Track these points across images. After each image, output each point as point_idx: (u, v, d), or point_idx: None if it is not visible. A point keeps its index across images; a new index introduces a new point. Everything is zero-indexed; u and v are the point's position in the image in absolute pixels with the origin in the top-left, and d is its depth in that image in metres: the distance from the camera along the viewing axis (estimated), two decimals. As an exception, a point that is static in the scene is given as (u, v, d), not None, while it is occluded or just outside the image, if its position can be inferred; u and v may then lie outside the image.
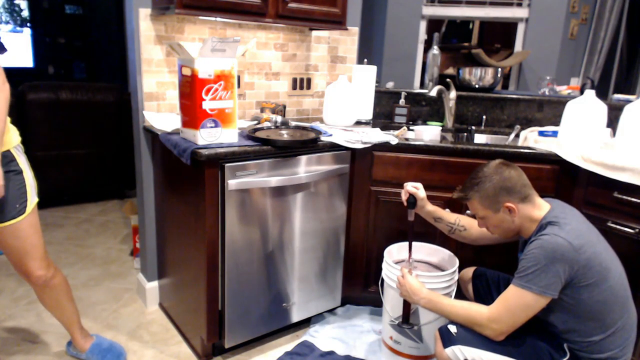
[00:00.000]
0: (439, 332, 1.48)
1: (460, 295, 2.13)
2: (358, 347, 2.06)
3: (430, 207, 1.79)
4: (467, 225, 1.77)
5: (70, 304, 1.82)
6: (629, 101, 2.16)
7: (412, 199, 1.75)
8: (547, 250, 1.30)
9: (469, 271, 1.85)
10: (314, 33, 2.56)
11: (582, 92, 2.18)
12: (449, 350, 1.43)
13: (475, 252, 2.09)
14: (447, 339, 1.44)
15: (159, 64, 2.08)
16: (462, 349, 1.41)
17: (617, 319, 1.34)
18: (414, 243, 2.01)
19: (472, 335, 1.42)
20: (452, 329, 1.46)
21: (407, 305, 1.76)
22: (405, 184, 1.78)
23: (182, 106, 1.76)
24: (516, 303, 1.34)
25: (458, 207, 2.00)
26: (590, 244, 1.32)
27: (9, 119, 1.49)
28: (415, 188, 1.76)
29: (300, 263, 2.04)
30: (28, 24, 6.32)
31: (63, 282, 1.76)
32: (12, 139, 1.53)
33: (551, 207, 1.45)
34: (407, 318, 1.78)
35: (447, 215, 1.80)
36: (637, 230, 1.69)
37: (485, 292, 1.78)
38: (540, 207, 1.45)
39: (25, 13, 6.22)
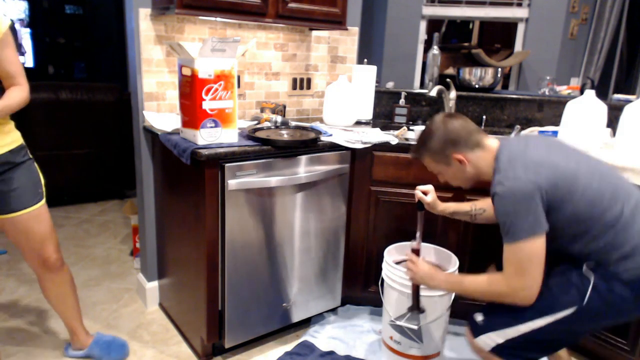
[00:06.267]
0: (469, 323, 1.48)
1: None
2: (358, 347, 2.06)
3: (442, 206, 1.78)
4: (485, 206, 1.74)
5: (75, 296, 1.87)
6: (629, 101, 2.16)
7: (421, 202, 1.76)
8: (507, 198, 1.28)
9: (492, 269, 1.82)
10: (314, 33, 2.56)
11: (582, 92, 2.17)
12: (478, 340, 1.42)
13: (475, 252, 2.09)
14: (475, 329, 1.44)
15: (159, 64, 2.09)
16: (490, 336, 1.39)
17: (617, 210, 1.28)
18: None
19: (497, 318, 1.40)
20: (478, 317, 1.45)
21: (416, 290, 1.73)
22: (417, 187, 1.78)
23: (182, 106, 1.76)
24: (519, 259, 1.30)
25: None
26: (546, 165, 1.29)
27: (12, 122, 1.61)
28: (424, 192, 1.76)
29: (300, 263, 2.04)
30: (28, 24, 6.33)
31: (69, 272, 1.83)
32: (19, 135, 1.66)
33: (499, 145, 1.42)
34: (418, 304, 1.75)
35: (462, 206, 1.78)
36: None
37: None
38: (492, 149, 1.43)
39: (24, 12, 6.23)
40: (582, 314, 1.30)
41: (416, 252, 1.69)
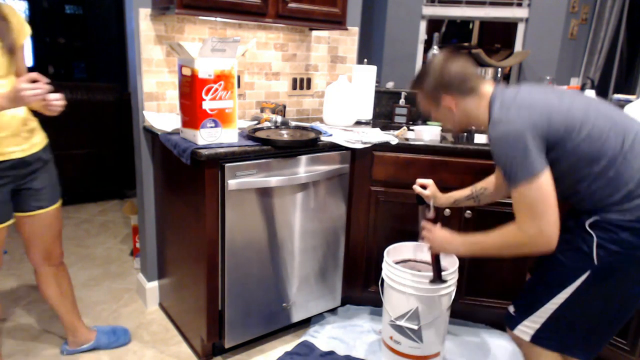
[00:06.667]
0: (505, 318, 1.47)
1: (459, 295, 2.13)
2: (358, 347, 2.06)
3: (443, 198, 1.76)
4: (485, 185, 1.70)
5: (73, 293, 1.92)
6: (629, 101, 2.16)
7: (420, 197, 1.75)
8: (502, 141, 1.26)
9: None
10: (314, 33, 2.56)
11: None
12: (517, 332, 1.41)
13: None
14: (511, 322, 1.43)
15: (159, 64, 2.08)
16: (525, 324, 1.39)
17: (617, 144, 1.24)
18: (415, 243, 2.01)
19: (526, 303, 1.40)
20: (510, 309, 1.44)
21: (436, 261, 1.70)
22: (416, 181, 1.77)
23: (182, 106, 1.76)
24: (528, 201, 1.25)
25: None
26: (540, 104, 1.27)
27: (35, 119, 1.68)
28: (423, 186, 1.74)
29: (300, 263, 2.04)
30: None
31: (67, 268, 1.89)
32: (44, 133, 1.74)
33: (493, 92, 1.39)
34: (439, 275, 1.72)
35: (462, 193, 1.75)
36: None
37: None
38: (486, 96, 1.40)
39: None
40: (599, 276, 1.27)
41: (432, 221, 1.65)
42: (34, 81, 1.38)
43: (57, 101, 1.50)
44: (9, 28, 1.51)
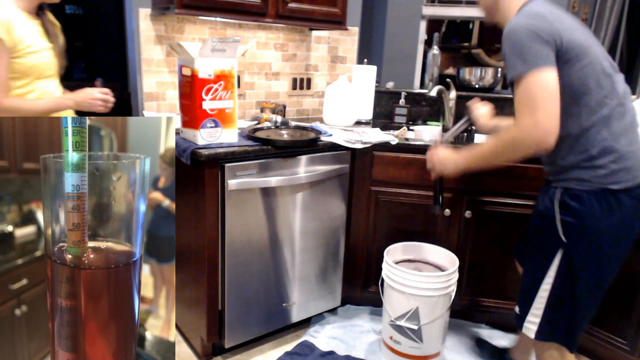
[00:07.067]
0: (515, 320, 1.47)
1: (459, 295, 2.13)
2: (358, 347, 2.06)
3: (486, 123, 1.76)
4: None
5: None
6: (629, 101, 2.16)
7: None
8: (518, 30, 1.21)
9: None
10: (314, 33, 2.57)
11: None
12: (525, 330, 1.42)
13: (476, 252, 2.09)
14: (518, 321, 1.44)
15: (159, 64, 2.09)
16: (529, 320, 1.39)
17: (605, 103, 1.23)
18: (414, 243, 2.01)
19: (523, 296, 1.41)
20: (516, 309, 1.45)
21: (438, 184, 1.72)
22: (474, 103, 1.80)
23: (182, 106, 1.76)
24: (528, 94, 1.20)
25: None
26: (567, 23, 1.25)
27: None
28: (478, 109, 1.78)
29: (300, 263, 2.04)
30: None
31: None
32: None
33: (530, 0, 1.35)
34: (441, 199, 1.73)
35: (503, 121, 1.75)
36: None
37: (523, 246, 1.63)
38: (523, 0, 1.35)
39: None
40: (575, 252, 1.28)
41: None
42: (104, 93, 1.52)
43: (109, 102, 1.61)
44: (58, 32, 1.58)
